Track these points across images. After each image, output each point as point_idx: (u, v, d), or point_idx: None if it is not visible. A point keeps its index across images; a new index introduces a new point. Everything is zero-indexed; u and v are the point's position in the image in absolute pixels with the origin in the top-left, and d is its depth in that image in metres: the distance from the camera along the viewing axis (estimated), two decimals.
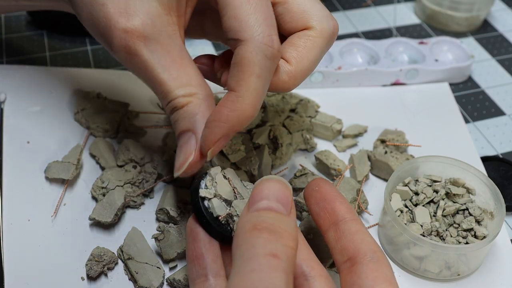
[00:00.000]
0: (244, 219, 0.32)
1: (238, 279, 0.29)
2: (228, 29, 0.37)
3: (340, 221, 0.36)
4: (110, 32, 0.38)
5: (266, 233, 0.31)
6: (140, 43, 0.37)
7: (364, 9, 0.74)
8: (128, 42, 0.37)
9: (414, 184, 0.47)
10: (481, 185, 0.46)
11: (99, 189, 0.46)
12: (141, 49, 0.38)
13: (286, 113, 0.55)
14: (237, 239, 0.31)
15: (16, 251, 0.43)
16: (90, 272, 0.41)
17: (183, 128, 0.38)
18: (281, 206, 0.33)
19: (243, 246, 0.31)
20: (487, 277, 0.45)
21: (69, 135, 0.52)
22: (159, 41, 0.38)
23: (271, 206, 0.33)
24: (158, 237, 0.43)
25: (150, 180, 0.47)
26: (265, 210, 0.32)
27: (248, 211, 0.33)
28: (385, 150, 0.51)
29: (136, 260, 0.42)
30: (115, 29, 0.38)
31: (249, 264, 0.29)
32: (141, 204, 0.47)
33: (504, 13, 0.75)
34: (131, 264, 0.42)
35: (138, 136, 0.52)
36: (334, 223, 0.36)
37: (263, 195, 0.33)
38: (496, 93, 0.62)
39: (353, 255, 0.34)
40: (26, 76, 0.57)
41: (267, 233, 0.31)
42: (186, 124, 0.38)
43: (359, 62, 0.62)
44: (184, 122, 0.38)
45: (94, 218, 0.44)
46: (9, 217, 0.45)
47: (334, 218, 0.36)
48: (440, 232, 0.44)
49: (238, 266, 0.30)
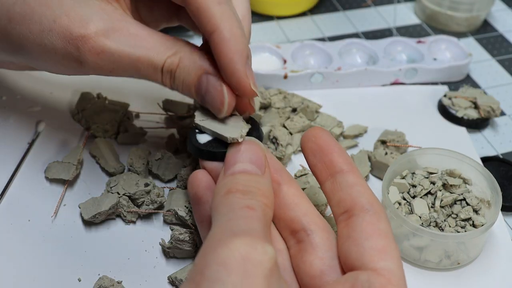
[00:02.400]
0: (220, 184, 0.34)
1: (216, 228, 0.30)
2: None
3: (338, 172, 0.35)
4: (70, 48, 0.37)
5: (240, 193, 0.32)
6: (102, 38, 0.37)
7: (364, 9, 0.74)
8: (91, 45, 0.37)
9: (411, 177, 0.47)
10: (477, 175, 0.47)
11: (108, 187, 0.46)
12: (105, 43, 0.37)
13: (287, 114, 0.55)
14: (214, 202, 0.33)
15: (16, 251, 0.43)
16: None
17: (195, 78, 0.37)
18: (255, 167, 0.34)
19: (219, 206, 0.32)
20: (487, 265, 0.45)
21: (69, 135, 0.52)
22: (115, 28, 0.37)
23: (245, 168, 0.34)
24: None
25: (150, 206, 0.46)
26: (239, 173, 0.33)
27: (224, 176, 0.34)
28: (386, 151, 0.51)
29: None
30: (73, 41, 0.37)
31: (226, 216, 0.31)
32: (131, 221, 0.46)
33: (504, 13, 0.75)
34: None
35: (138, 136, 0.52)
36: (331, 174, 0.36)
37: (237, 158, 0.34)
38: (496, 93, 0.62)
39: (350, 208, 0.34)
40: (26, 76, 0.57)
41: (241, 193, 0.32)
42: (196, 72, 0.37)
43: (358, 63, 0.62)
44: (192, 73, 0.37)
45: (80, 208, 0.45)
46: (9, 217, 0.45)
47: (331, 170, 0.36)
48: (439, 222, 0.44)
49: (216, 221, 0.31)
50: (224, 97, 0.37)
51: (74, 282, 0.42)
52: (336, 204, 0.35)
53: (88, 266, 0.43)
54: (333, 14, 0.73)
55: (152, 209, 0.46)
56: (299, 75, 0.59)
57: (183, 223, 0.45)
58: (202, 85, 0.37)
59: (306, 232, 0.34)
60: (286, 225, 0.35)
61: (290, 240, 0.35)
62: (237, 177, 0.34)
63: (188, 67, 0.37)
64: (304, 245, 0.34)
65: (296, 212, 0.35)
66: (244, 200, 0.32)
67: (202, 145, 0.38)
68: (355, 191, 0.34)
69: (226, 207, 0.32)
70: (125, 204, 0.45)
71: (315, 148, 0.37)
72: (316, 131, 0.37)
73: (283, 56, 0.61)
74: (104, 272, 0.42)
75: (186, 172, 0.48)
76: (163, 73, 0.38)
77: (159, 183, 0.49)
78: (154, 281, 0.43)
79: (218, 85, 0.37)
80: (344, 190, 0.34)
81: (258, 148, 0.35)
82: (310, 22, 0.71)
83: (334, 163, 0.36)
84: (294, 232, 0.35)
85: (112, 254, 0.44)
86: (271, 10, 0.71)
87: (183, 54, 0.37)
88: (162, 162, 0.49)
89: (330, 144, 0.37)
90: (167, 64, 0.37)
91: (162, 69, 0.38)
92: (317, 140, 0.37)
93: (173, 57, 0.37)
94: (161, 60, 0.37)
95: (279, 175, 0.37)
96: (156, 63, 0.37)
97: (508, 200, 0.49)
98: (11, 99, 0.55)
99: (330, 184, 0.35)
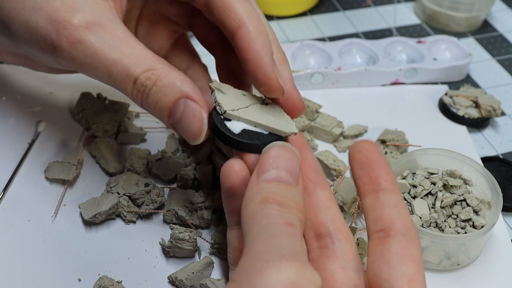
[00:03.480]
0: (254, 189, 0.32)
1: (259, 244, 0.29)
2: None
3: (382, 190, 0.35)
4: (51, 30, 0.37)
5: (277, 205, 0.31)
6: (84, 29, 0.36)
7: (364, 9, 0.74)
8: (71, 32, 0.36)
9: (412, 177, 0.47)
10: (477, 175, 0.47)
11: (108, 187, 0.46)
12: (86, 35, 0.36)
13: None
14: (248, 208, 0.31)
15: (16, 251, 0.43)
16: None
17: (172, 100, 0.36)
18: (290, 177, 0.33)
19: (257, 215, 0.31)
20: (487, 266, 0.45)
21: (69, 136, 0.52)
22: (101, 24, 0.37)
23: (281, 177, 0.33)
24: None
25: (150, 206, 0.46)
26: (275, 181, 0.32)
27: (258, 180, 0.32)
28: (385, 151, 0.51)
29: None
30: (56, 23, 0.37)
31: (269, 231, 0.30)
32: (131, 221, 0.46)
33: (504, 13, 0.75)
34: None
35: (138, 136, 0.52)
36: (375, 190, 0.35)
37: (273, 164, 0.33)
38: (496, 93, 0.62)
39: (387, 228, 0.33)
40: (26, 76, 0.57)
41: (278, 205, 0.31)
42: (173, 95, 0.36)
43: (358, 62, 0.63)
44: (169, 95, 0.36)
45: (80, 208, 0.45)
46: (9, 217, 0.45)
47: (375, 186, 0.35)
48: (439, 223, 0.44)
49: (257, 232, 0.30)
50: (204, 124, 0.36)
51: (74, 282, 0.42)
52: (373, 220, 0.35)
53: (88, 266, 0.43)
54: (333, 14, 0.73)
55: (152, 209, 0.46)
56: (299, 75, 0.59)
57: (183, 222, 0.45)
58: (177, 109, 0.36)
59: (332, 239, 0.34)
60: (313, 226, 0.35)
61: (313, 243, 0.35)
62: (272, 185, 0.32)
63: (166, 89, 0.36)
64: (327, 252, 0.34)
65: (326, 215, 0.35)
66: (283, 213, 0.31)
67: (239, 136, 0.36)
68: (395, 213, 0.34)
69: (265, 219, 0.30)
70: (125, 204, 0.45)
71: (364, 161, 0.36)
72: (368, 145, 0.37)
73: None
74: (104, 272, 0.43)
75: (186, 172, 0.48)
76: (136, 85, 0.36)
77: (159, 183, 0.49)
78: (154, 281, 0.43)
79: (197, 111, 0.36)
80: (385, 209, 0.34)
81: (294, 156, 0.34)
82: (310, 22, 0.71)
83: (380, 179, 0.35)
84: (319, 235, 0.35)
85: (112, 254, 0.44)
86: (271, 10, 0.71)
87: (162, 72, 0.36)
88: (162, 162, 0.49)
89: (379, 160, 0.36)
90: (143, 78, 0.36)
91: (135, 81, 0.36)
92: (367, 153, 0.36)
93: (151, 72, 0.36)
94: (136, 71, 0.36)
95: (317, 176, 0.37)
96: (130, 72, 0.36)
97: (508, 200, 0.49)
98: (11, 99, 0.55)
99: (371, 200, 0.35)
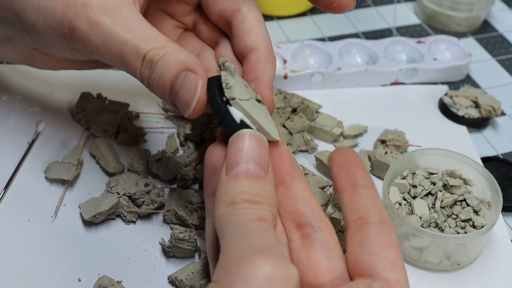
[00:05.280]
0: (223, 189, 0.33)
1: (232, 245, 0.30)
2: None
3: (359, 185, 0.36)
4: (68, 12, 0.38)
5: (247, 203, 0.32)
6: (100, 11, 0.38)
7: (364, 9, 0.74)
8: (88, 13, 0.38)
9: (412, 177, 0.47)
10: (477, 175, 0.47)
11: (108, 187, 0.46)
12: (102, 17, 0.38)
13: (287, 114, 0.55)
14: (218, 211, 0.32)
15: (16, 251, 0.43)
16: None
17: (175, 73, 0.36)
18: (259, 169, 0.33)
19: (227, 217, 0.32)
20: (487, 266, 0.45)
21: (69, 136, 0.52)
22: (117, 11, 0.38)
23: (249, 170, 0.33)
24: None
25: (150, 206, 0.46)
26: (244, 177, 0.33)
27: (227, 176, 0.33)
28: (385, 151, 0.51)
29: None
30: (73, 6, 0.38)
31: (240, 230, 0.31)
32: (131, 221, 0.46)
33: (504, 13, 0.75)
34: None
35: (138, 136, 0.52)
36: (352, 185, 0.37)
37: (241, 156, 0.34)
38: (496, 93, 0.62)
39: (365, 215, 0.35)
40: (26, 76, 0.57)
41: (248, 203, 0.32)
42: (176, 68, 0.36)
43: (358, 63, 0.63)
44: (172, 68, 0.36)
45: (80, 208, 0.45)
46: (9, 217, 0.45)
47: (353, 182, 0.37)
48: (439, 223, 0.45)
49: (229, 234, 0.31)
50: (196, 92, 0.36)
51: (74, 282, 0.42)
52: (351, 210, 0.36)
53: (88, 266, 0.43)
54: (333, 14, 0.72)
55: (152, 209, 0.46)
56: (299, 75, 0.59)
57: (183, 222, 0.45)
58: (178, 80, 0.36)
59: (313, 228, 0.34)
60: (292, 217, 0.35)
61: (294, 233, 0.35)
62: (241, 183, 0.33)
63: (170, 62, 0.37)
64: (310, 241, 0.34)
65: (305, 206, 0.35)
66: (253, 210, 0.32)
67: (239, 126, 0.36)
68: (372, 203, 0.35)
69: (235, 219, 0.31)
70: (125, 204, 0.45)
71: (342, 161, 0.38)
72: (347, 150, 0.39)
73: (283, 56, 0.61)
74: (104, 272, 0.43)
75: (186, 172, 0.48)
76: (144, 62, 0.37)
77: (159, 183, 0.49)
78: (154, 281, 0.43)
79: (194, 80, 0.36)
80: (363, 200, 0.36)
81: (262, 144, 0.34)
82: (310, 22, 0.71)
83: (358, 176, 0.37)
84: (300, 225, 0.35)
85: (112, 254, 0.44)
86: (271, 10, 0.71)
87: (169, 49, 0.37)
88: (162, 162, 0.49)
89: (357, 161, 0.38)
90: (151, 54, 0.37)
91: (144, 57, 0.37)
92: (346, 155, 0.38)
93: (159, 49, 0.37)
94: (146, 48, 0.37)
95: (293, 168, 0.37)
96: (140, 50, 0.37)
97: (508, 200, 0.49)
98: (11, 99, 0.55)
99: (349, 193, 0.36)
